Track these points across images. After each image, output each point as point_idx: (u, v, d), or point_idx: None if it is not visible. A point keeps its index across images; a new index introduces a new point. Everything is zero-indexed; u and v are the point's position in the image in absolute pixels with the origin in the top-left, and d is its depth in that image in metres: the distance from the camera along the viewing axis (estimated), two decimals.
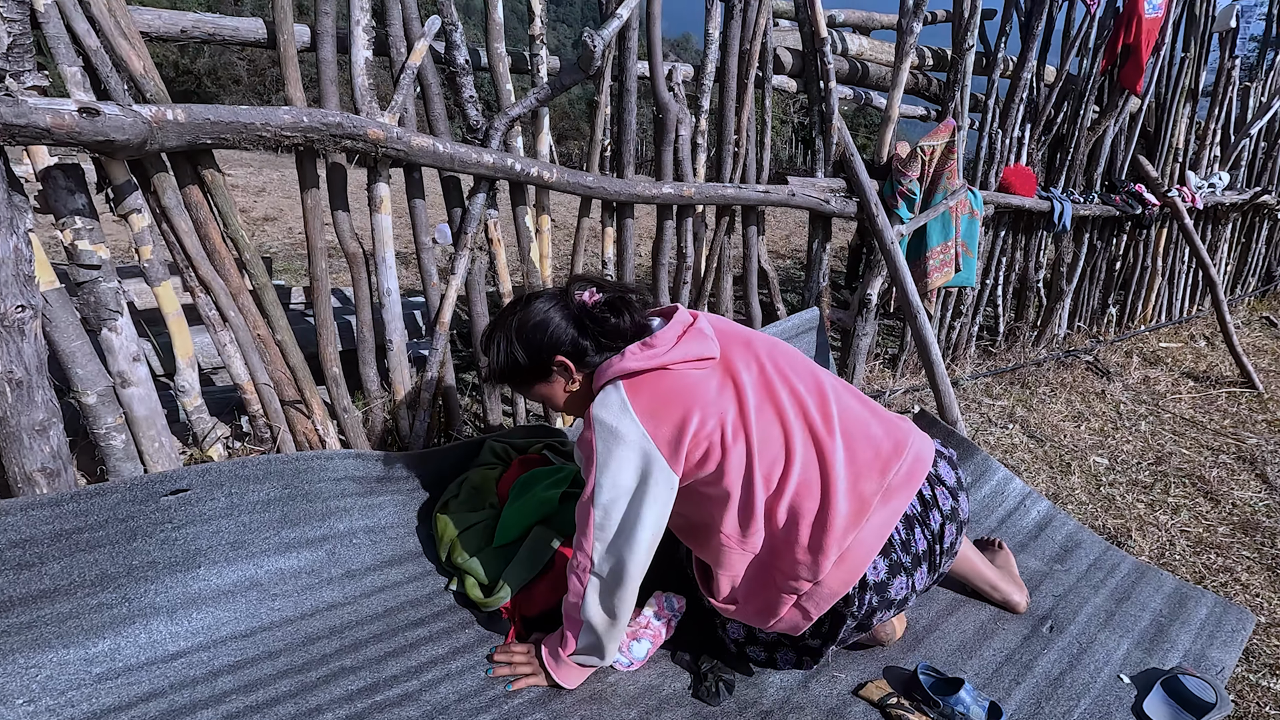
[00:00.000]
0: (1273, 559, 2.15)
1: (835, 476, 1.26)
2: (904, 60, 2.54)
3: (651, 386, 1.24)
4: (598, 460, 1.23)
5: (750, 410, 1.25)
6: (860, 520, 1.26)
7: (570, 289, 1.36)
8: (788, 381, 1.33)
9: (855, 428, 1.33)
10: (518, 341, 1.33)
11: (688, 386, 1.25)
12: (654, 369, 1.25)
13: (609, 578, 1.27)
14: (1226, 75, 4.20)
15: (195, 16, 1.45)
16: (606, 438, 1.23)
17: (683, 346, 1.26)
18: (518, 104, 1.81)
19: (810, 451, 1.28)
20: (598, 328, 1.31)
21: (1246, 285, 5.47)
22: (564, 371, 1.34)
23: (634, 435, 1.21)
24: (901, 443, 1.36)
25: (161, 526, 1.48)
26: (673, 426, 1.22)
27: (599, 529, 1.25)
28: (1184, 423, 3.18)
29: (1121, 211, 3.73)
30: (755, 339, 1.39)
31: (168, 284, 1.48)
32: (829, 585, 1.28)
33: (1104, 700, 1.55)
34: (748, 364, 1.32)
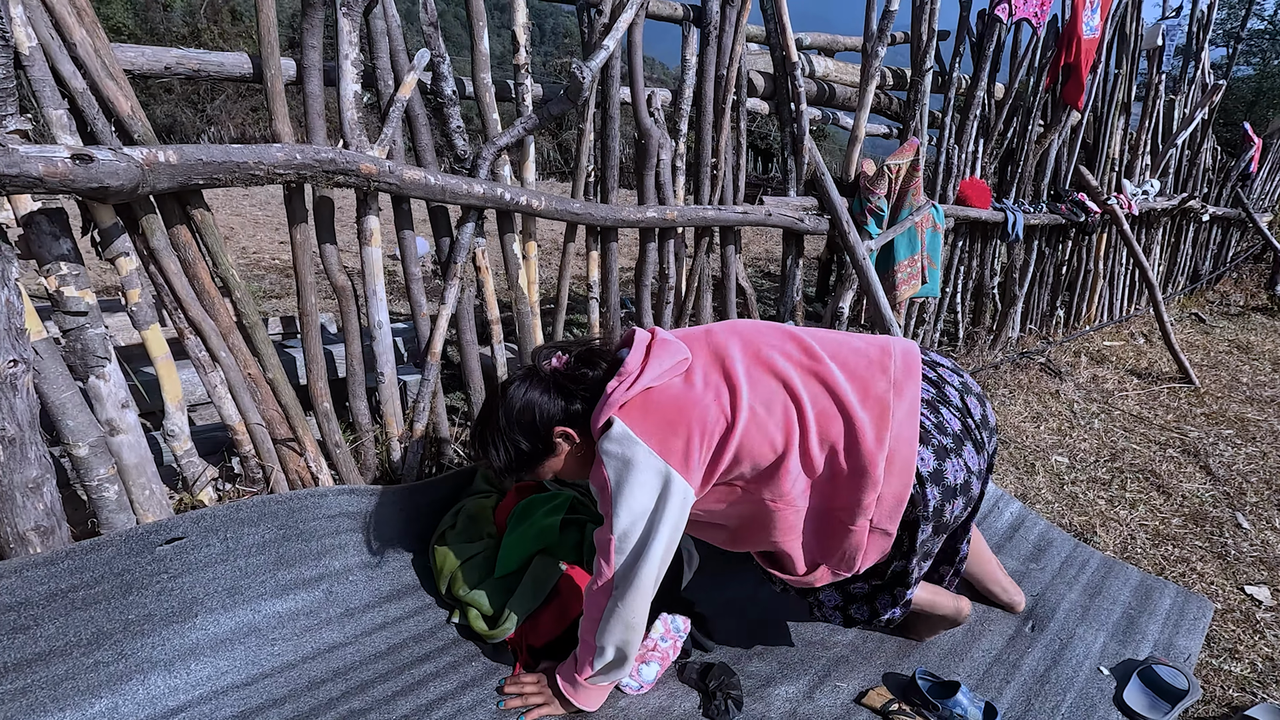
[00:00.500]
0: (1221, 547, 2.31)
1: (844, 392, 1.29)
2: (869, 82, 2.64)
3: (645, 410, 1.26)
4: (612, 490, 1.25)
5: (742, 383, 1.27)
6: (886, 419, 1.29)
7: (537, 362, 1.38)
8: (765, 339, 1.36)
9: (839, 350, 1.37)
10: (514, 432, 1.34)
11: (676, 397, 1.27)
12: (639, 394, 1.27)
13: (626, 595, 1.29)
14: (1154, 89, 4.48)
15: (179, 52, 1.42)
16: (619, 468, 1.25)
17: (654, 363, 1.28)
18: (505, 133, 1.82)
19: (813, 384, 1.31)
20: (579, 387, 1.33)
21: (1176, 284, 5.83)
22: (567, 440, 1.35)
23: (645, 458, 1.23)
24: (885, 345, 1.41)
25: (157, 577, 1.43)
26: (680, 439, 1.24)
27: (618, 552, 1.27)
28: (1132, 419, 3.37)
29: (1067, 219, 3.94)
30: (720, 325, 1.43)
31: (155, 326, 1.44)
32: (891, 491, 1.30)
33: (1088, 693, 1.64)
34: (728, 342, 1.35)
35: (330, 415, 1.76)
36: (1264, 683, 1.71)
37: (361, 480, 1.87)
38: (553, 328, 2.25)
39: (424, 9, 1.66)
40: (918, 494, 1.33)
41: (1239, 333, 5.20)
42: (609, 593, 1.29)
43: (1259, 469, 2.91)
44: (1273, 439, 3.26)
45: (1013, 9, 3.11)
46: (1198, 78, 4.83)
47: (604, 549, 1.28)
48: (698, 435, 1.24)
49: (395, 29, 1.65)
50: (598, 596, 1.32)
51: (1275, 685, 1.71)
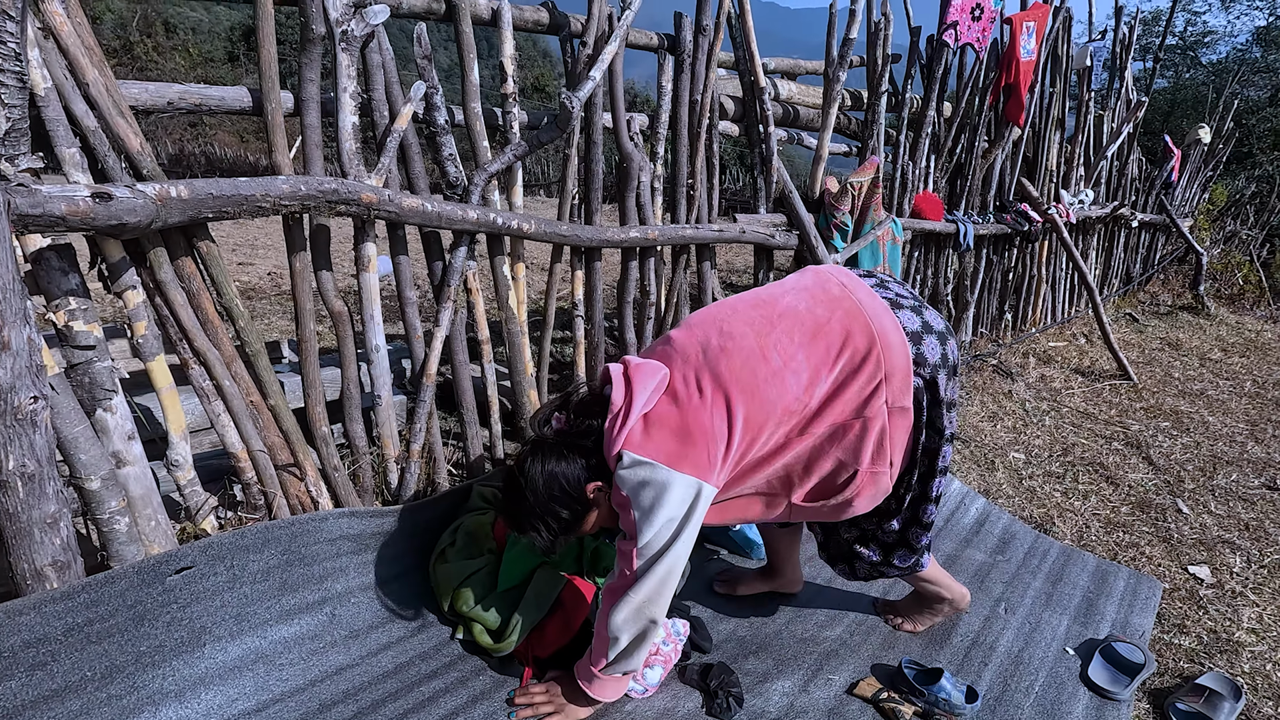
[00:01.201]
0: (1165, 532, 2.50)
1: (810, 313, 1.37)
2: (832, 105, 2.79)
3: (647, 433, 1.29)
4: (634, 511, 1.29)
5: (722, 366, 1.31)
6: (858, 309, 1.37)
7: (541, 432, 1.40)
8: (717, 318, 1.41)
9: (780, 290, 1.45)
10: (550, 506, 1.36)
11: (671, 410, 1.31)
12: (638, 421, 1.29)
13: (646, 590, 1.33)
14: (1085, 105, 4.80)
15: (181, 88, 1.44)
16: (635, 489, 1.28)
17: (639, 390, 1.31)
18: (496, 160, 1.88)
19: (783, 323, 1.36)
20: (590, 440, 1.35)
21: (1112, 286, 6.20)
22: (600, 493, 1.38)
23: (661, 475, 1.26)
24: (814, 272, 1.50)
25: (167, 608, 1.44)
26: (690, 446, 1.27)
27: (640, 557, 1.31)
28: (1080, 415, 3.60)
29: (1012, 228, 4.19)
30: (675, 332, 1.45)
31: (161, 358, 1.45)
32: (895, 365, 1.35)
33: (1057, 672, 1.78)
34: (689, 339, 1.38)
35: (329, 440, 1.78)
36: (1210, 654, 1.88)
37: (360, 502, 1.90)
38: (540, 345, 2.31)
39: (417, 43, 1.72)
40: (917, 354, 1.38)
41: (1169, 330, 5.57)
42: (628, 587, 1.33)
43: (1194, 457, 3.16)
44: (1204, 429, 3.53)
45: (958, 35, 3.32)
46: (1123, 94, 5.19)
47: (626, 558, 1.34)
48: (702, 436, 1.29)
49: (390, 62, 1.70)
50: (615, 591, 1.37)
51: (1220, 655, 1.87)
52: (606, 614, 1.38)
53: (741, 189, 14.94)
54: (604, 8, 2.04)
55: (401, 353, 2.61)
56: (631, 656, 1.42)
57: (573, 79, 2.06)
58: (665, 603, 1.36)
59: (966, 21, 3.32)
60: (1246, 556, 2.36)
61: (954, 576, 2.14)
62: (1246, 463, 3.14)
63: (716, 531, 2.24)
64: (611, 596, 1.37)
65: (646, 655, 1.47)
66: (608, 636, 1.39)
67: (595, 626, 1.44)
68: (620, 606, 1.34)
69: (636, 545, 1.30)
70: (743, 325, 1.38)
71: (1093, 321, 5.08)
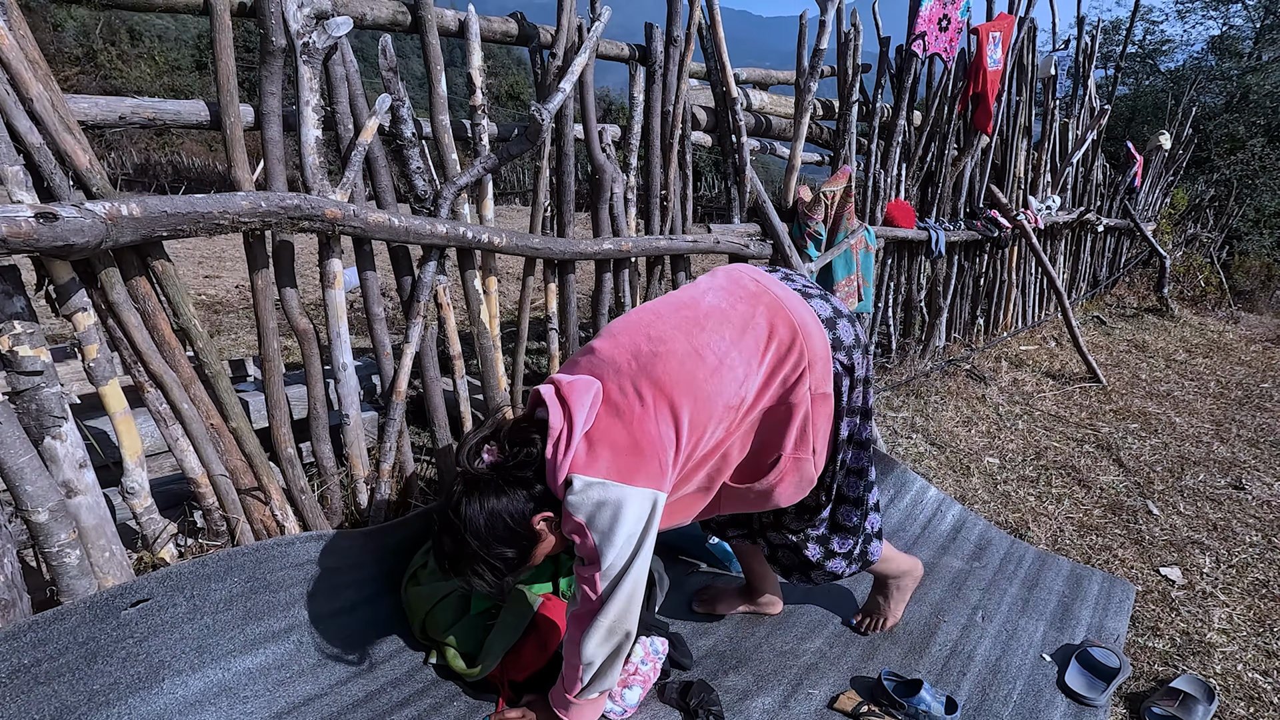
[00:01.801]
0: (1137, 534, 2.54)
1: (716, 303, 1.39)
2: (804, 115, 2.80)
3: (594, 452, 1.25)
4: (592, 536, 1.25)
5: (660, 370, 1.29)
6: (779, 303, 1.39)
7: (470, 468, 1.31)
8: (641, 322, 1.39)
9: (697, 291, 1.46)
10: (495, 548, 1.29)
11: (614, 423, 1.27)
12: (581, 442, 1.26)
13: (614, 609, 1.30)
14: (1050, 113, 4.90)
15: (134, 101, 1.39)
16: (591, 512, 1.24)
17: (576, 410, 1.27)
18: (465, 173, 1.85)
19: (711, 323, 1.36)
20: (528, 470, 1.29)
21: (1079, 290, 6.32)
22: (548, 523, 1.33)
23: (614, 493, 1.23)
24: (727, 270, 1.51)
25: (122, 643, 1.38)
26: (639, 456, 1.25)
27: (604, 579, 1.28)
28: (1051, 418, 3.65)
29: (982, 234, 4.24)
30: (597, 341, 1.42)
31: (114, 382, 1.39)
32: (815, 353, 1.37)
33: (1035, 680, 1.78)
34: (618, 346, 1.35)
35: (295, 461, 1.73)
36: (1182, 655, 1.90)
37: (328, 525, 1.84)
38: (514, 358, 2.27)
39: (383, 55, 1.68)
40: (834, 339, 1.42)
41: (1135, 333, 5.69)
42: (596, 612, 1.31)
43: (1162, 459, 3.21)
44: (1171, 430, 3.60)
45: (926, 45, 3.36)
46: (1086, 102, 5.30)
47: (588, 582, 1.30)
48: (650, 446, 1.26)
49: (354, 74, 1.66)
50: (582, 617, 1.34)
51: (1193, 657, 1.90)
52: (577, 641, 1.34)
53: (716, 196, 15.03)
54: (573, 19, 2.02)
55: (371, 368, 2.56)
56: (607, 675, 1.39)
57: (543, 90, 2.03)
58: (636, 616, 1.34)
59: (934, 32, 3.36)
60: (1215, 557, 2.40)
61: (932, 584, 2.14)
62: (1213, 463, 3.21)
63: (695, 545, 2.22)
64: (580, 623, 1.34)
65: (621, 670, 1.44)
66: (579, 663, 1.36)
67: (565, 653, 1.41)
68: (591, 632, 1.31)
69: (600, 568, 1.27)
70: (670, 329, 1.36)
71: (1062, 325, 5.17)
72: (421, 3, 1.77)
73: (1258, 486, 2.97)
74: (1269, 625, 2.05)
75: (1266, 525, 2.64)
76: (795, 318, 1.39)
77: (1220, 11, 17.13)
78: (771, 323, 1.38)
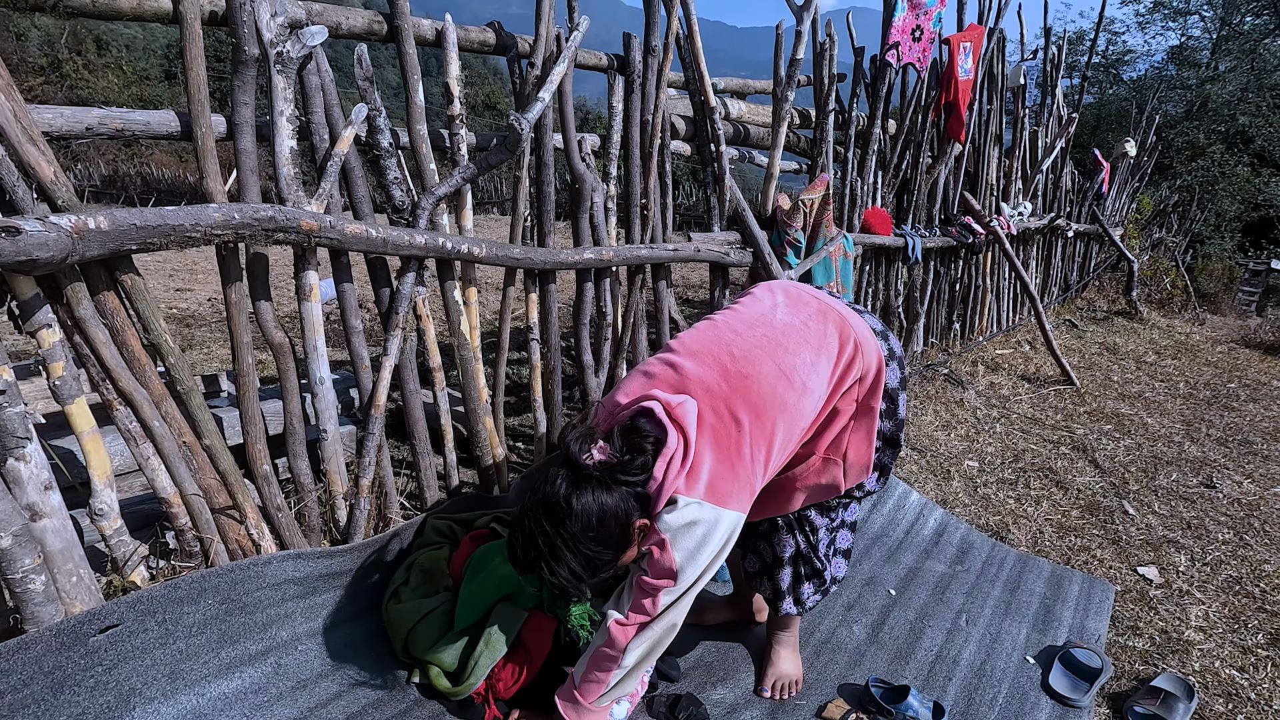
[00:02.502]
0: (1114, 534, 2.58)
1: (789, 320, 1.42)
2: (781, 124, 2.82)
3: (694, 478, 1.24)
4: (680, 556, 1.23)
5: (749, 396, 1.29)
6: (841, 319, 1.45)
7: (577, 460, 1.23)
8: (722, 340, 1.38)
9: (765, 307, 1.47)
10: (596, 544, 1.22)
11: (711, 449, 1.26)
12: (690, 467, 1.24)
13: (669, 621, 1.29)
14: (1020, 122, 5.00)
15: (101, 112, 1.35)
16: (690, 531, 1.23)
17: (689, 430, 1.25)
18: (444, 183, 1.83)
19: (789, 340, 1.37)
20: (636, 476, 1.24)
21: (1052, 294, 6.44)
22: (642, 531, 1.28)
23: (709, 515, 1.23)
24: (785, 286, 1.57)
25: (91, 671, 1.33)
26: (733, 481, 1.25)
27: (668, 594, 1.26)
28: (1028, 421, 3.70)
29: (957, 241, 4.31)
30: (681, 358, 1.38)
31: (82, 400, 1.35)
32: (869, 366, 1.42)
33: (1019, 682, 1.79)
34: (704, 365, 1.33)
35: (271, 478, 1.69)
36: (1162, 654, 1.93)
37: (306, 543, 1.80)
38: (495, 368, 2.25)
39: (358, 64, 1.66)
40: (888, 350, 1.50)
41: (1106, 335, 5.81)
42: (652, 621, 1.29)
43: (1136, 459, 3.27)
44: (1144, 431, 3.67)
45: (899, 55, 3.42)
46: (1054, 110, 5.42)
47: (651, 593, 1.27)
48: (744, 470, 1.26)
49: (329, 84, 1.64)
50: (633, 626, 1.30)
51: (1172, 655, 1.92)
52: (622, 647, 1.31)
53: (695, 204, 15.10)
54: (551, 29, 2.01)
55: (349, 381, 2.52)
56: (631, 682, 1.38)
57: (521, 100, 2.02)
58: (677, 627, 1.33)
59: (907, 42, 3.42)
60: (1190, 555, 2.44)
61: (916, 589, 2.15)
62: (1185, 462, 3.27)
63: None
64: (627, 631, 1.31)
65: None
66: (612, 669, 1.33)
67: (590, 662, 1.37)
68: (640, 641, 1.30)
69: (672, 584, 1.25)
70: (753, 348, 1.35)
71: (1036, 329, 5.26)
72: (397, 12, 1.75)
73: (1228, 485, 3.04)
74: (1243, 622, 2.08)
75: (1237, 522, 2.69)
76: (859, 333, 1.43)
77: (1178, 23, 17.70)
78: (842, 339, 1.41)
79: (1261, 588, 2.26)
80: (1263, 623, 2.08)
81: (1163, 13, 17.58)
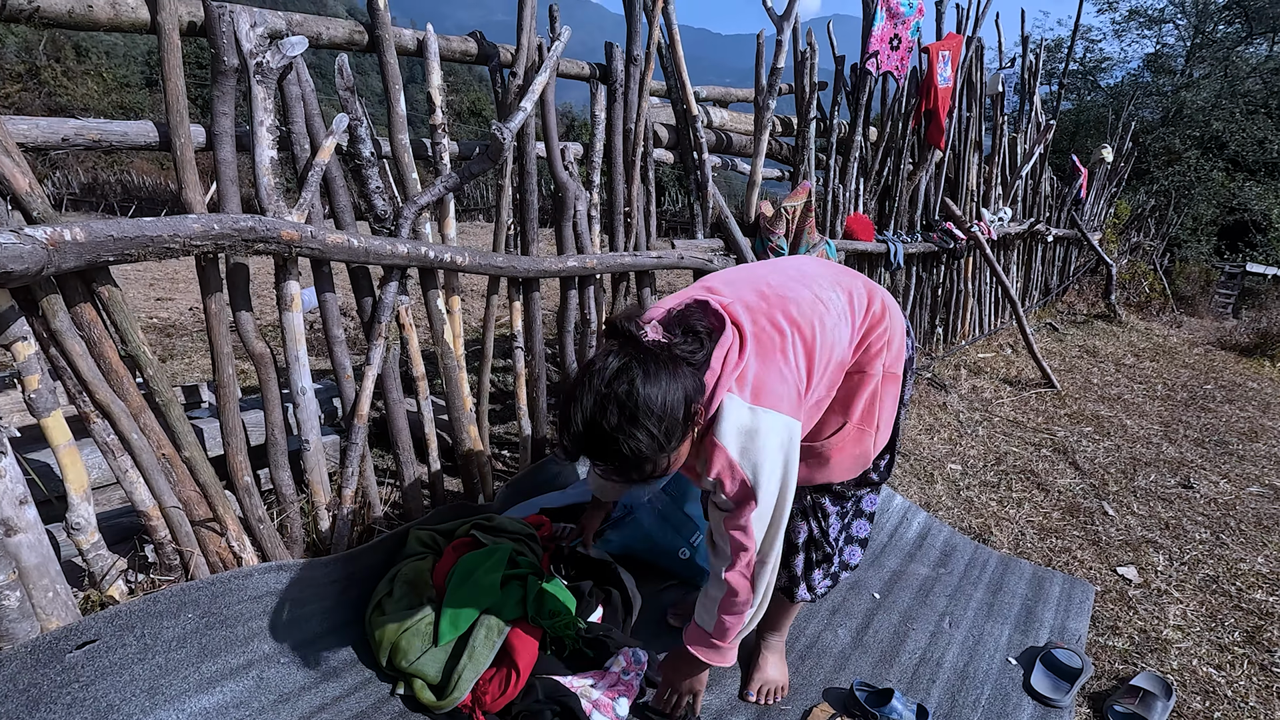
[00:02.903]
0: (1094, 535, 2.61)
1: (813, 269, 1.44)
2: (763, 132, 2.85)
3: (743, 381, 1.20)
4: (749, 471, 1.19)
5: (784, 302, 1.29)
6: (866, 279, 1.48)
7: (634, 334, 1.12)
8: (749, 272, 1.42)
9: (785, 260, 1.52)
10: (664, 423, 1.08)
11: (754, 353, 1.23)
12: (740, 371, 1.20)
13: (773, 555, 1.28)
14: (999, 128, 5.08)
15: (77, 123, 1.34)
16: (744, 443, 1.18)
17: (743, 325, 1.22)
18: (426, 192, 1.83)
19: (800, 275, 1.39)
20: (695, 357, 1.16)
21: (1032, 298, 6.53)
22: (697, 421, 1.18)
23: (768, 422, 1.19)
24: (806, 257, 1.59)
25: (67, 688, 1.31)
26: (785, 385, 1.22)
27: (759, 524, 1.24)
28: (1010, 424, 3.75)
29: (939, 246, 4.36)
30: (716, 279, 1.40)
31: (58, 413, 1.33)
32: (895, 332, 1.42)
33: (1001, 684, 1.81)
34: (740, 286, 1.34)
35: (252, 490, 1.68)
36: (1141, 653, 1.95)
37: (288, 554, 1.79)
38: (479, 376, 2.25)
39: (339, 74, 1.66)
40: (907, 326, 1.49)
41: (1086, 338, 5.89)
42: (757, 557, 1.27)
43: (1115, 460, 3.32)
44: (1123, 432, 3.72)
45: (879, 63, 3.46)
46: (1032, 117, 5.51)
47: (741, 528, 1.24)
48: (790, 374, 1.24)
49: (310, 94, 1.64)
50: (741, 568, 1.28)
51: (1151, 654, 1.95)
52: (747, 591, 1.30)
53: (680, 210, 15.16)
54: (533, 38, 2.03)
55: (332, 391, 2.50)
56: (764, 608, 1.38)
57: (504, 109, 2.03)
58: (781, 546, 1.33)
59: (886, 51, 3.46)
60: (1168, 555, 2.48)
61: (900, 592, 2.17)
62: (1163, 463, 3.32)
63: (668, 559, 2.21)
64: (744, 574, 1.30)
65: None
66: (744, 610, 1.34)
67: (720, 609, 1.36)
68: (761, 576, 1.30)
69: (755, 506, 1.21)
70: (788, 280, 1.35)
71: (1017, 332, 5.32)
72: (379, 22, 1.75)
73: (1205, 485, 3.09)
74: (1220, 620, 2.12)
75: (1214, 522, 2.74)
76: (885, 297, 1.45)
77: (1153, 31, 18.04)
78: (869, 294, 1.42)
79: (1237, 586, 2.30)
80: (1238, 621, 2.12)
81: (1138, 21, 17.93)
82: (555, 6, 2.13)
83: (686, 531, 2.09)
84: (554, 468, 2.38)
